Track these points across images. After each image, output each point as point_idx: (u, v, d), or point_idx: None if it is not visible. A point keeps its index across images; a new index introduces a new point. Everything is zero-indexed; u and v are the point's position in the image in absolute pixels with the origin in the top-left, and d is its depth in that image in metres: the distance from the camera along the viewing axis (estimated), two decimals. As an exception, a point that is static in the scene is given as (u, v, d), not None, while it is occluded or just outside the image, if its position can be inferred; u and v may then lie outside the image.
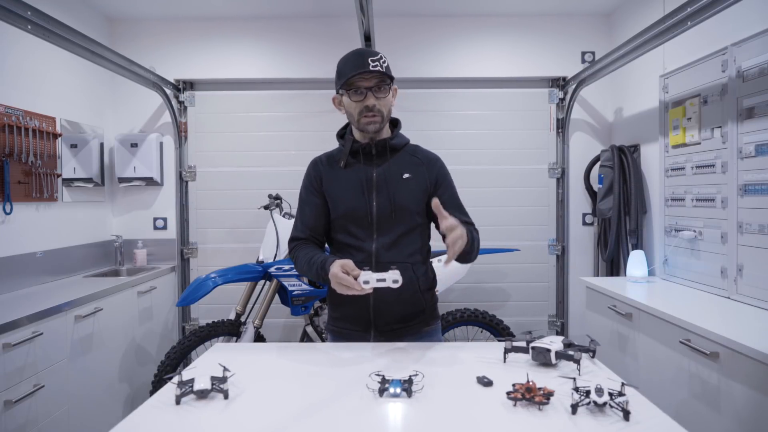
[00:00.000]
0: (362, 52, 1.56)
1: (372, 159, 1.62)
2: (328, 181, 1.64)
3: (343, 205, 1.61)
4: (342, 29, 3.54)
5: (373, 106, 1.53)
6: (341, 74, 1.56)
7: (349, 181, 1.61)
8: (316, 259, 1.52)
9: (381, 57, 1.55)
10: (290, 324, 3.55)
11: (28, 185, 2.74)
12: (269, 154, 3.58)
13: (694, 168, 2.52)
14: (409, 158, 1.65)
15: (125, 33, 3.59)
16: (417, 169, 1.63)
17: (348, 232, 1.61)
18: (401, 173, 1.61)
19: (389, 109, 1.60)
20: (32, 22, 2.06)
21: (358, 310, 1.61)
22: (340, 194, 1.61)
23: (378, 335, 1.62)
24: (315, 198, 1.66)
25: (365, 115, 1.54)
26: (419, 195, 1.61)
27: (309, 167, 1.71)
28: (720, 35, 2.33)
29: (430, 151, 1.71)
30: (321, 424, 1.05)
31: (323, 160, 1.69)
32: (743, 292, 2.18)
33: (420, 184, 1.62)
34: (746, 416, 1.60)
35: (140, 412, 1.12)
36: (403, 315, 1.62)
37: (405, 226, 1.60)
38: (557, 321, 3.63)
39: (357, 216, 1.59)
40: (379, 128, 1.57)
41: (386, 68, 1.54)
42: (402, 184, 1.60)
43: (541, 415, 1.07)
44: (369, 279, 1.35)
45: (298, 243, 1.66)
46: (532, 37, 3.58)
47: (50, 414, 2.21)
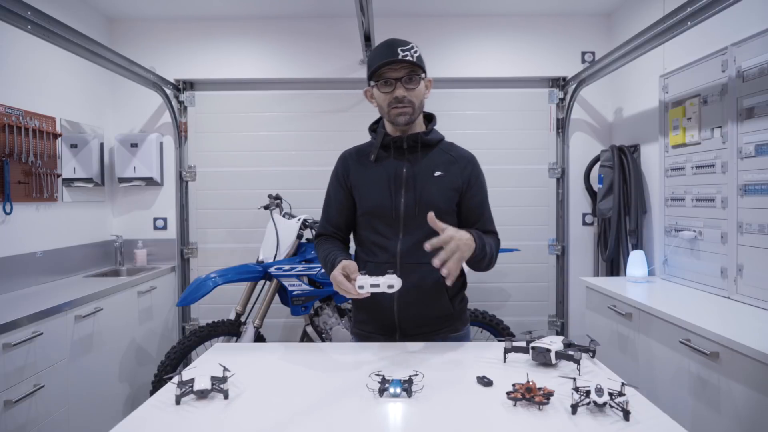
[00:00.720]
0: (392, 42, 1.48)
1: (403, 154, 1.56)
2: (356, 176, 1.59)
3: (369, 201, 1.56)
4: (342, 29, 3.54)
5: (402, 97, 1.47)
6: (370, 65, 1.50)
7: (378, 176, 1.55)
8: (330, 257, 1.48)
9: (412, 47, 1.48)
10: (290, 324, 3.55)
11: (28, 185, 2.74)
12: (269, 154, 3.58)
13: (694, 168, 2.52)
14: (443, 155, 1.58)
15: (125, 33, 3.59)
16: (449, 167, 1.56)
17: (373, 229, 1.56)
18: (432, 170, 1.55)
19: (421, 100, 1.53)
20: (32, 22, 2.06)
21: (382, 313, 1.56)
22: (367, 189, 1.56)
23: (404, 338, 1.57)
24: (341, 194, 1.61)
25: (395, 106, 1.49)
26: (450, 194, 1.55)
27: (337, 161, 1.66)
28: (720, 35, 2.33)
29: (465, 150, 1.64)
30: (321, 424, 1.05)
31: (352, 154, 1.64)
32: (743, 292, 2.18)
33: (451, 182, 1.55)
34: (746, 416, 1.60)
35: (140, 412, 1.12)
36: (429, 319, 1.57)
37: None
38: (557, 321, 3.63)
39: (383, 213, 1.53)
40: (410, 120, 1.51)
41: (417, 58, 1.48)
42: (432, 181, 1.53)
43: (541, 415, 1.07)
44: (363, 284, 1.32)
45: (321, 238, 1.63)
46: (532, 37, 3.58)
47: (50, 414, 2.21)
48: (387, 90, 1.49)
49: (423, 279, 1.53)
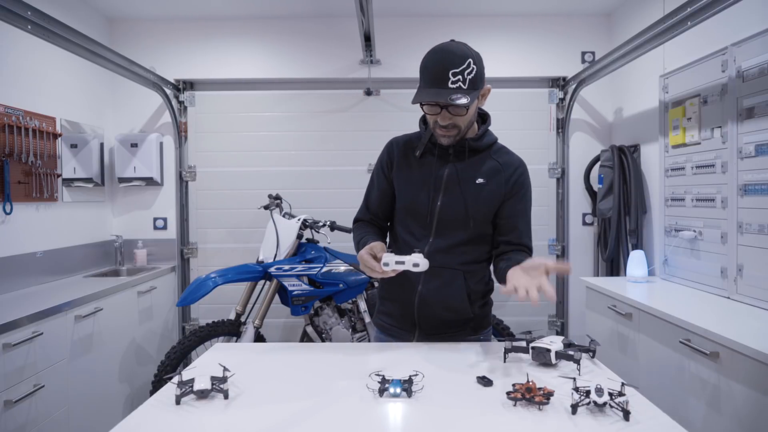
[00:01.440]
0: (446, 58, 1.33)
1: (448, 156, 1.50)
2: (399, 168, 1.55)
3: (406, 197, 1.53)
4: (342, 29, 3.54)
5: (447, 124, 1.40)
6: (421, 80, 1.38)
7: (419, 173, 1.51)
8: (363, 240, 1.46)
9: (467, 66, 1.32)
10: (290, 324, 3.55)
11: (28, 185, 2.74)
12: (269, 154, 3.58)
13: (694, 168, 2.52)
14: (489, 162, 1.51)
15: (125, 33, 3.59)
16: (494, 175, 1.50)
17: (406, 227, 1.54)
18: (475, 177, 1.49)
19: (470, 120, 1.46)
20: (32, 22, 2.06)
21: (403, 308, 1.57)
22: (406, 184, 1.53)
23: (422, 337, 1.57)
24: (383, 182, 1.58)
25: (440, 128, 1.43)
26: (489, 204, 1.49)
27: (384, 148, 1.61)
28: (720, 35, 2.33)
29: (514, 155, 1.57)
30: (321, 424, 1.05)
31: (399, 144, 1.59)
32: (743, 292, 2.18)
33: (493, 191, 1.49)
34: (746, 416, 1.60)
35: (140, 412, 1.12)
36: (448, 321, 1.56)
37: (467, 233, 1.49)
38: (557, 321, 3.63)
39: (418, 212, 1.51)
40: (454, 141, 1.46)
41: (470, 82, 1.33)
42: (473, 189, 1.48)
43: (541, 415, 1.07)
44: (389, 261, 1.32)
45: (358, 223, 1.63)
46: (532, 37, 3.58)
47: (50, 414, 2.21)
48: (432, 113, 1.41)
49: (446, 283, 1.52)
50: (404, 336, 1.60)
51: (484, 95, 1.48)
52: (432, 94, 1.34)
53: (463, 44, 1.39)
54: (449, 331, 1.57)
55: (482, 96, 1.47)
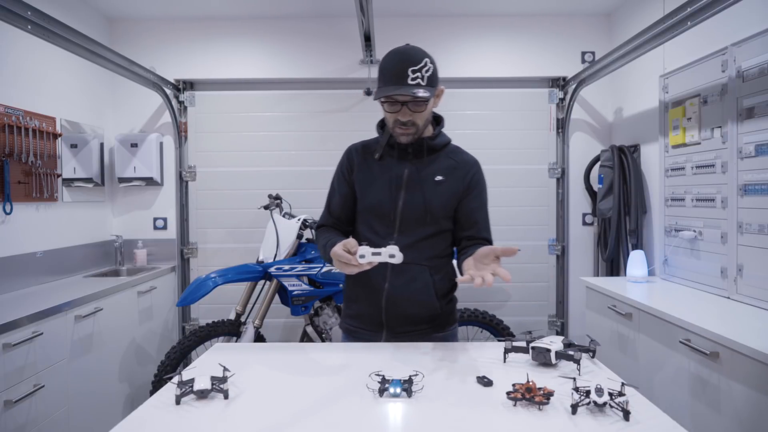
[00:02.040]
0: (405, 58, 1.42)
1: (407, 156, 1.57)
2: (359, 171, 1.60)
3: (369, 198, 1.58)
4: (342, 29, 3.54)
5: (407, 121, 1.46)
6: (379, 81, 1.46)
7: (380, 174, 1.57)
8: (331, 241, 1.49)
9: (425, 65, 1.42)
10: (290, 324, 3.55)
11: (28, 185, 2.74)
12: (269, 154, 3.58)
13: (694, 168, 2.52)
14: (446, 160, 1.59)
15: (125, 33, 3.59)
16: (451, 173, 1.57)
17: (370, 227, 1.58)
18: (434, 175, 1.56)
19: (427, 118, 1.52)
20: (32, 22, 2.06)
21: (370, 309, 1.59)
22: (368, 186, 1.58)
23: (390, 336, 1.60)
24: (344, 187, 1.63)
25: (399, 126, 1.49)
26: (449, 199, 1.56)
27: (343, 155, 1.66)
28: (720, 35, 2.33)
29: (469, 154, 1.64)
30: (321, 424, 1.05)
31: (358, 149, 1.64)
32: (743, 292, 2.18)
33: (451, 187, 1.56)
34: (746, 416, 1.60)
35: (140, 412, 1.12)
36: (415, 318, 1.59)
37: (429, 229, 1.55)
38: (557, 321, 3.63)
39: (381, 212, 1.55)
40: (413, 140, 1.52)
41: (428, 80, 1.42)
42: (433, 186, 1.55)
43: (541, 415, 1.07)
44: (365, 253, 1.33)
45: (321, 229, 1.65)
46: (532, 37, 3.58)
47: (50, 414, 2.21)
48: (392, 110, 1.47)
49: (413, 279, 1.56)
50: (372, 337, 1.61)
51: (439, 96, 1.55)
52: (394, 89, 1.41)
53: (418, 47, 1.48)
54: (417, 328, 1.60)
55: (437, 96, 1.53)
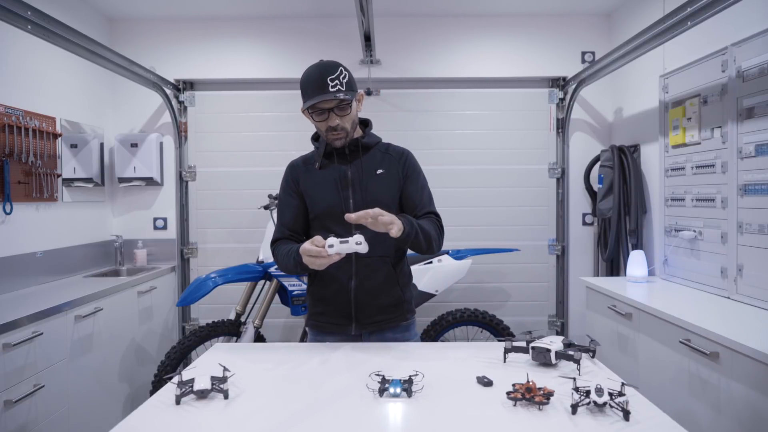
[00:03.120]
0: (322, 70, 1.55)
1: (346, 158, 1.67)
2: (305, 182, 1.69)
3: (321, 204, 1.65)
4: (342, 29, 3.54)
5: (336, 125, 1.58)
6: (303, 96, 1.58)
7: (326, 180, 1.66)
8: (292, 249, 1.55)
9: (341, 73, 1.55)
10: (290, 324, 3.55)
11: (28, 185, 2.74)
12: (269, 154, 3.57)
13: (694, 168, 2.52)
14: (382, 155, 1.71)
15: (125, 33, 3.59)
16: (390, 165, 1.68)
17: (327, 230, 1.63)
18: (375, 169, 1.67)
19: (353, 120, 1.63)
20: (32, 22, 2.06)
21: (339, 303, 1.65)
22: (317, 193, 1.66)
23: (359, 328, 1.66)
24: (293, 199, 1.71)
25: (331, 133, 1.60)
26: (393, 189, 1.66)
27: (286, 171, 1.76)
28: (720, 35, 2.33)
29: (400, 147, 1.77)
30: (321, 424, 1.05)
31: (299, 163, 1.75)
32: (743, 292, 2.18)
33: (392, 177, 1.67)
34: (746, 416, 1.60)
35: (140, 412, 1.12)
36: (384, 307, 1.66)
37: None
38: (557, 321, 3.63)
39: (335, 213, 1.62)
40: (345, 143, 1.63)
41: (347, 85, 1.55)
42: (376, 179, 1.65)
43: (541, 415, 1.07)
44: (333, 243, 1.37)
45: (278, 242, 1.69)
46: (532, 37, 3.58)
47: (50, 414, 2.21)
48: (321, 119, 1.58)
49: (376, 270, 1.65)
50: (342, 330, 1.67)
51: (359, 100, 1.66)
52: (319, 98, 1.53)
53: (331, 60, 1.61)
54: (384, 318, 1.67)
55: (358, 101, 1.65)
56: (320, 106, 1.55)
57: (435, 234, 1.60)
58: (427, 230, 1.56)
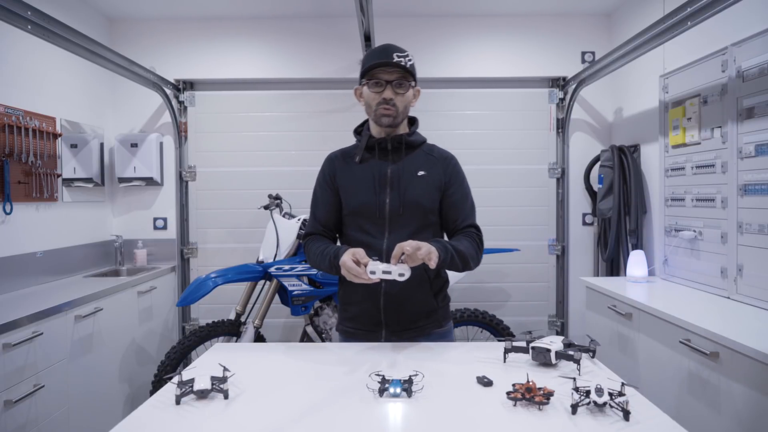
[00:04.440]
0: (389, 46, 1.55)
1: (387, 155, 1.61)
2: (342, 177, 1.64)
3: (355, 200, 1.60)
4: (342, 29, 3.54)
5: (390, 99, 1.53)
6: (365, 63, 1.57)
7: (363, 176, 1.60)
8: (329, 250, 1.52)
9: (407, 54, 1.55)
10: (290, 324, 3.55)
11: (28, 185, 2.74)
12: (269, 154, 3.58)
13: (694, 168, 2.52)
14: (425, 156, 1.64)
15: (125, 33, 3.59)
16: (432, 167, 1.62)
17: (360, 228, 1.60)
18: (416, 170, 1.60)
19: (406, 105, 1.59)
20: (32, 22, 2.06)
21: (369, 310, 1.60)
22: (353, 189, 1.61)
23: (389, 336, 1.60)
24: (328, 194, 1.66)
25: (382, 107, 1.54)
26: (433, 193, 1.60)
27: (324, 163, 1.72)
28: (720, 35, 2.33)
29: (446, 150, 1.71)
30: (321, 424, 1.05)
31: (338, 156, 1.70)
32: (743, 292, 2.18)
33: (434, 181, 1.60)
34: (746, 416, 1.60)
35: (140, 412, 1.12)
36: (414, 316, 1.60)
37: (418, 223, 1.58)
38: (557, 321, 3.63)
39: (369, 212, 1.58)
40: (393, 122, 1.57)
41: (411, 66, 1.55)
42: (416, 180, 1.59)
43: (541, 415, 1.07)
44: (375, 270, 1.36)
45: (311, 237, 1.66)
46: (532, 37, 3.58)
47: (50, 414, 2.21)
48: (377, 90, 1.55)
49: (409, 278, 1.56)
50: (370, 337, 1.62)
51: (416, 96, 1.65)
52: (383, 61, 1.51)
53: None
54: (415, 325, 1.61)
55: (415, 96, 1.64)
56: (380, 76, 1.53)
57: (473, 252, 1.56)
58: (464, 251, 1.51)
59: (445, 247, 1.46)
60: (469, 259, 1.54)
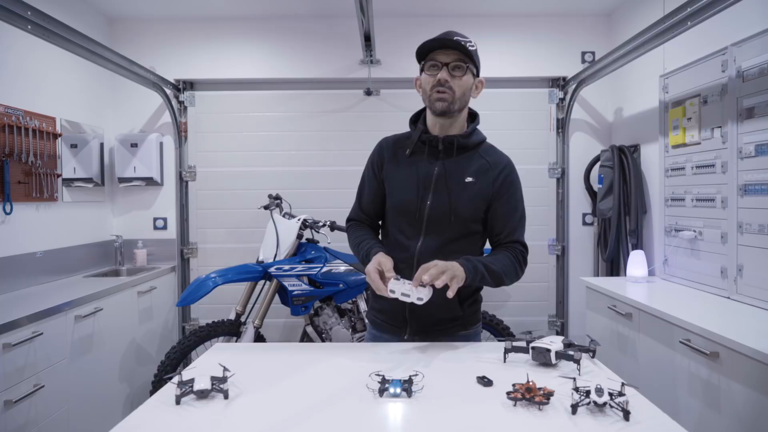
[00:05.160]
0: (450, 31, 1.46)
1: (437, 154, 1.53)
2: (389, 168, 1.58)
3: (397, 197, 1.55)
4: (342, 29, 3.54)
5: (445, 81, 1.43)
6: (423, 47, 1.46)
7: (409, 173, 1.54)
8: (364, 245, 1.52)
9: (469, 40, 1.44)
10: (290, 324, 3.55)
11: (28, 185, 2.74)
12: (269, 154, 3.58)
13: (694, 168, 2.52)
14: (478, 160, 1.54)
15: (125, 33, 3.59)
16: (482, 174, 1.52)
17: (397, 226, 1.56)
18: (464, 176, 1.51)
19: (464, 92, 1.48)
20: (32, 22, 2.06)
21: (394, 306, 1.55)
22: (396, 184, 1.56)
23: (413, 334, 1.58)
24: (374, 182, 1.62)
25: (437, 90, 1.44)
26: (478, 202, 1.52)
27: (374, 148, 1.65)
28: (720, 35, 2.33)
29: (502, 154, 1.59)
30: (321, 424, 1.05)
31: (389, 144, 1.62)
32: (743, 292, 2.18)
33: (481, 189, 1.52)
34: (746, 416, 1.60)
35: (140, 412, 1.12)
36: (438, 320, 1.57)
37: (456, 231, 1.52)
38: (557, 321, 3.63)
39: (408, 211, 1.53)
40: (447, 108, 1.46)
41: (473, 52, 1.44)
42: (462, 187, 1.51)
43: (541, 415, 1.07)
44: (395, 289, 1.37)
45: (353, 223, 1.67)
46: (532, 37, 3.58)
47: (50, 414, 2.21)
48: (433, 72, 1.45)
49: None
50: (396, 332, 1.61)
51: (478, 87, 1.53)
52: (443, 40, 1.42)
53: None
54: (438, 327, 1.59)
55: (476, 87, 1.52)
56: (437, 57, 1.43)
57: (510, 271, 1.50)
58: (497, 271, 1.46)
59: (474, 268, 1.42)
60: (503, 278, 1.49)
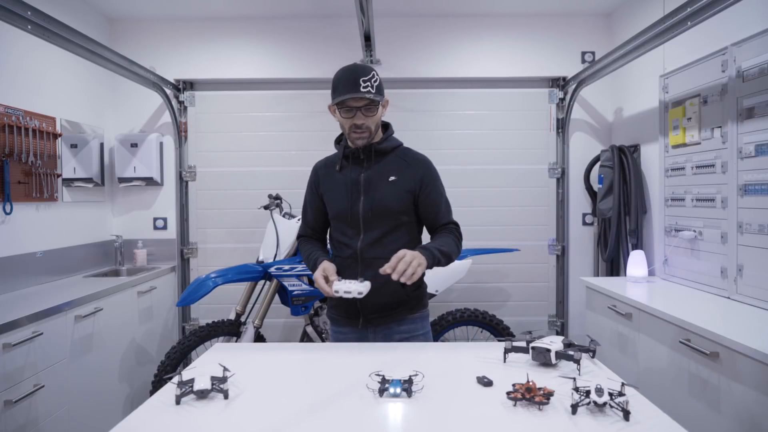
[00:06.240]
0: (355, 70, 1.63)
1: (362, 163, 1.74)
2: (324, 185, 1.80)
3: (334, 207, 1.76)
4: (342, 29, 3.54)
5: (361, 124, 1.65)
6: (334, 92, 1.65)
7: (341, 184, 1.75)
8: (312, 256, 1.74)
9: (372, 76, 1.63)
10: (290, 324, 3.55)
11: (28, 185, 2.74)
12: (269, 154, 3.58)
13: (694, 168, 2.52)
14: (398, 161, 1.75)
15: (125, 33, 3.59)
16: (404, 171, 1.73)
17: (341, 230, 1.77)
18: (387, 176, 1.72)
19: (377, 123, 1.71)
20: (32, 22, 2.06)
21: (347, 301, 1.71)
22: (332, 197, 1.76)
23: (366, 322, 1.74)
24: (315, 200, 1.84)
25: (354, 131, 1.66)
26: (403, 196, 1.71)
27: (311, 172, 1.87)
28: (720, 35, 2.33)
29: (419, 153, 1.81)
30: (321, 424, 1.05)
31: (322, 165, 1.85)
32: (743, 292, 2.18)
33: (405, 185, 1.72)
34: (746, 416, 1.60)
35: (140, 412, 1.12)
36: (386, 306, 1.73)
37: (388, 225, 1.71)
38: (557, 321, 3.63)
39: (345, 216, 1.73)
40: (366, 143, 1.70)
41: (377, 89, 1.64)
42: (387, 185, 1.71)
43: (541, 415, 1.07)
44: (339, 289, 1.53)
45: (303, 239, 1.89)
46: (532, 37, 3.58)
47: (50, 414, 2.21)
48: (348, 116, 1.65)
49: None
50: (352, 323, 1.77)
51: (385, 106, 1.75)
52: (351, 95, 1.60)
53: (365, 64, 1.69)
54: (388, 313, 1.74)
55: (383, 106, 1.74)
56: (349, 104, 1.63)
57: (454, 247, 1.70)
58: (447, 251, 1.65)
59: (432, 254, 1.59)
60: (452, 256, 1.68)
